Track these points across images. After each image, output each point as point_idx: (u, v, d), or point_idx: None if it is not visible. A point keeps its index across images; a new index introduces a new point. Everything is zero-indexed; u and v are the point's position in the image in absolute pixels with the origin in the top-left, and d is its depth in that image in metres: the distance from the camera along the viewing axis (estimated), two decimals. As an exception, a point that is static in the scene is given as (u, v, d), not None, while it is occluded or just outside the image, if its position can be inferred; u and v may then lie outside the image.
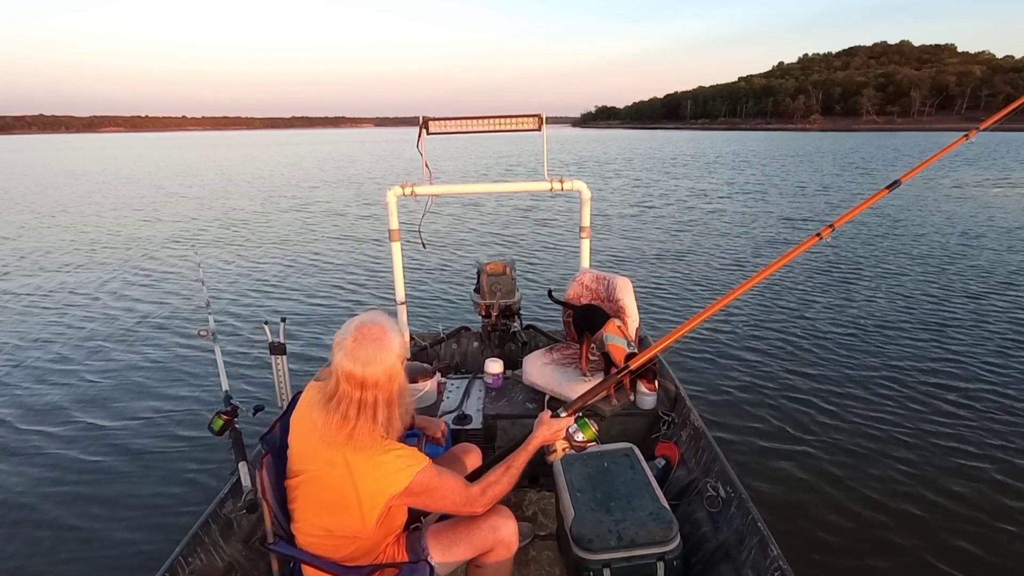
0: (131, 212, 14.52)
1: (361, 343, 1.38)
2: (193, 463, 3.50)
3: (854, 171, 22.73)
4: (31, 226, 12.44)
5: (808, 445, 3.63)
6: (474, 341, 3.59)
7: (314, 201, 16.28)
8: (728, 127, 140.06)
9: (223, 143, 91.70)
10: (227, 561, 1.93)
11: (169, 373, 4.81)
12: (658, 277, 7.66)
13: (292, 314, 6.20)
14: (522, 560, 2.20)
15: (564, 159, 33.23)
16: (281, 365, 2.61)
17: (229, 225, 12.37)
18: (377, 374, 1.39)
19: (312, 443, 1.47)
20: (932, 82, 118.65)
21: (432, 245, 9.42)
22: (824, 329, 5.60)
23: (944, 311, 6.09)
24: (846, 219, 2.14)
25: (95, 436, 3.85)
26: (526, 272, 7.82)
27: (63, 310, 6.57)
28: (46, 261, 9.05)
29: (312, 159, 39.12)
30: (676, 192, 16.83)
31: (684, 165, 27.37)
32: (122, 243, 10.45)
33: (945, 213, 12.20)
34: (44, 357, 5.19)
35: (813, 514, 3.00)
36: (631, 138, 74.21)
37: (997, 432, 3.72)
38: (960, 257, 8.45)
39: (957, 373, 4.58)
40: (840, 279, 7.34)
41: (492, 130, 3.03)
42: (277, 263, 8.74)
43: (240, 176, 25.48)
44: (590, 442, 1.67)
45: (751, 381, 4.49)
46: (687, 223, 11.77)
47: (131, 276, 8.05)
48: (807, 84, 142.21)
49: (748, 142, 52.91)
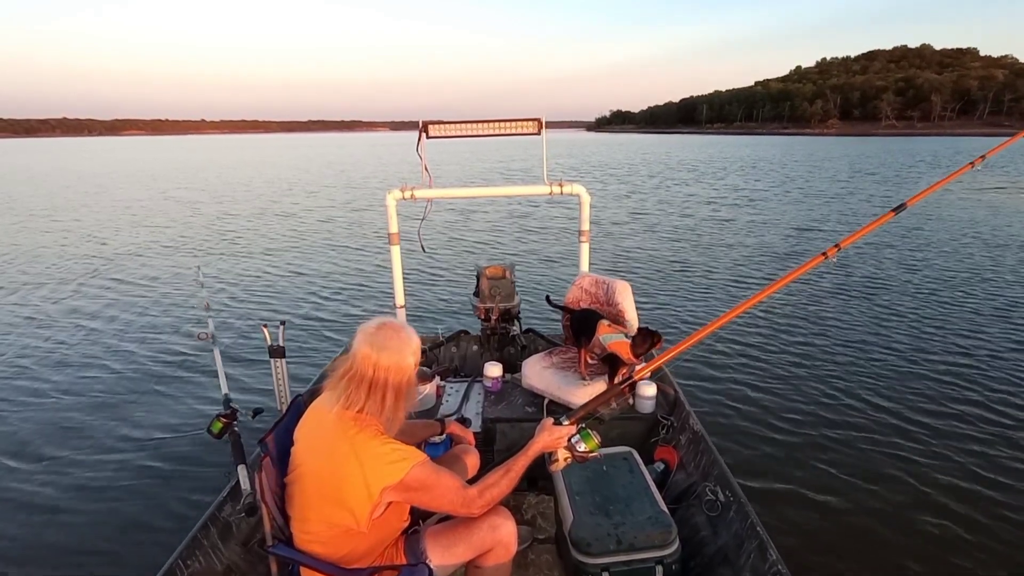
0: (132, 214, 14.52)
1: (382, 330, 1.48)
2: (192, 466, 3.49)
3: (867, 179, 22.14)
4: (31, 226, 12.42)
5: (807, 449, 3.63)
6: (473, 344, 3.60)
7: (314, 204, 16.30)
8: (744, 132, 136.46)
9: (239, 146, 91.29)
10: (226, 564, 1.93)
11: (168, 375, 4.81)
12: (658, 282, 7.67)
13: (291, 317, 6.20)
14: (521, 563, 2.19)
15: (573, 164, 33.23)
16: (280, 368, 2.61)
17: (229, 228, 12.38)
18: (390, 361, 1.46)
19: (317, 433, 1.49)
20: (954, 86, 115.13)
21: (432, 249, 9.43)
22: (824, 333, 5.60)
23: (946, 317, 6.10)
24: (852, 240, 2.15)
25: (94, 438, 3.84)
26: (525, 276, 7.83)
27: (62, 311, 6.56)
28: (46, 261, 9.05)
29: (320, 162, 39.04)
30: (679, 199, 16.74)
31: (691, 171, 27.16)
32: (122, 244, 10.44)
33: (958, 220, 12.12)
34: (43, 358, 5.18)
35: (812, 519, 3.00)
36: (644, 143, 72.98)
37: (997, 439, 3.72)
38: (967, 265, 8.47)
39: (958, 379, 4.58)
40: (843, 285, 7.34)
41: (491, 134, 3.04)
42: (277, 266, 8.74)
43: (242, 178, 25.49)
44: (592, 453, 1.66)
45: (750, 385, 4.49)
46: (689, 229, 11.78)
47: (131, 278, 8.05)
48: (825, 88, 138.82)
49: (763, 148, 52.00)
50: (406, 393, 1.51)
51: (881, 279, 7.58)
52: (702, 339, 1.96)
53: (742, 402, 4.23)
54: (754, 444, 3.69)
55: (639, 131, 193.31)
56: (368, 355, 1.45)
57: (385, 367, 1.45)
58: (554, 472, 1.75)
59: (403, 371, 1.48)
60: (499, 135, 3.06)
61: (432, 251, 9.31)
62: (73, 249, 10.16)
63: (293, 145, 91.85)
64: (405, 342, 1.49)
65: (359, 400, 1.45)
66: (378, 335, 1.47)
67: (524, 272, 8.00)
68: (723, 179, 22.68)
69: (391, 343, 1.46)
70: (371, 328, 1.49)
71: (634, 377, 2.02)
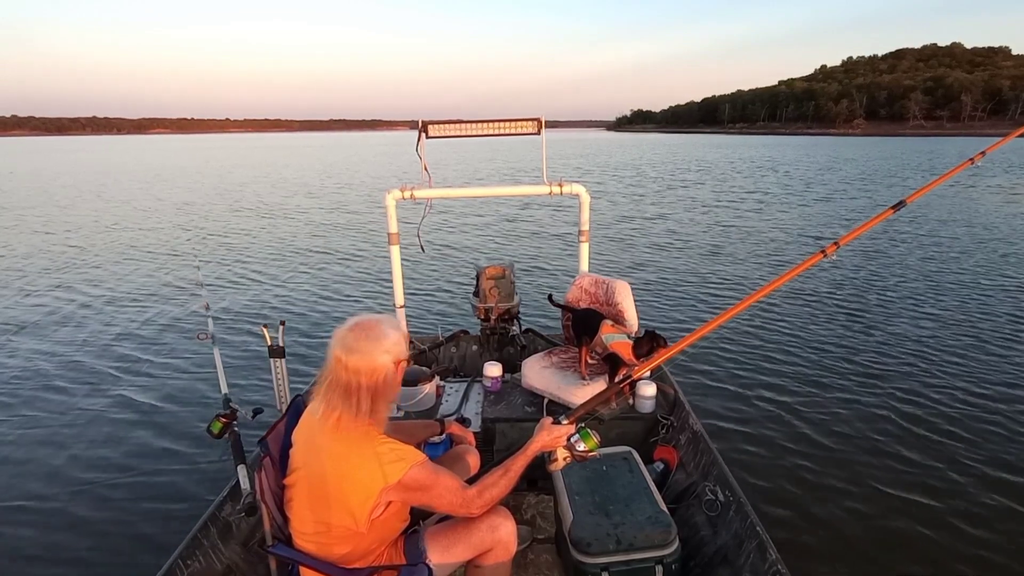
0: (132, 214, 14.50)
1: (352, 331, 1.46)
2: (192, 466, 3.50)
3: (884, 181, 21.55)
4: (30, 227, 12.43)
5: (807, 449, 3.63)
6: (473, 344, 3.59)
7: (314, 204, 16.29)
8: (767, 131, 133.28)
9: (260, 145, 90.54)
10: (226, 564, 1.94)
11: (168, 375, 4.81)
12: (658, 282, 7.67)
13: (291, 317, 6.20)
14: (520, 563, 2.19)
15: (577, 164, 33.09)
16: (280, 368, 2.61)
17: (229, 228, 12.38)
18: (360, 363, 1.43)
19: (314, 435, 1.49)
20: (984, 86, 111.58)
21: (431, 249, 9.43)
22: (824, 333, 5.61)
23: (948, 317, 6.11)
24: (851, 238, 2.13)
25: (93, 438, 3.84)
26: (525, 276, 7.83)
27: (61, 311, 6.56)
28: (45, 262, 9.05)
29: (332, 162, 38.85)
30: (683, 200, 16.62)
31: (699, 171, 26.84)
32: (122, 245, 10.44)
33: (959, 221, 12.11)
34: (42, 358, 5.18)
35: (811, 518, 3.00)
36: (664, 143, 71.38)
37: (999, 442, 3.72)
38: (969, 263, 8.47)
39: (960, 380, 4.58)
40: (843, 286, 7.35)
41: (491, 134, 3.04)
42: (276, 266, 8.74)
43: (244, 179, 25.48)
44: (591, 452, 1.65)
45: (750, 385, 4.50)
46: (691, 230, 11.78)
47: (130, 278, 8.05)
48: (851, 88, 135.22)
49: (783, 148, 51.22)
50: (384, 393, 1.48)
51: (881, 280, 7.58)
52: (701, 338, 1.95)
53: (742, 402, 4.23)
54: (754, 444, 3.69)
55: (660, 131, 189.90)
56: (339, 358, 1.43)
57: (355, 370, 1.42)
58: (553, 472, 1.74)
59: (375, 372, 1.44)
60: (499, 135, 3.05)
61: (432, 251, 9.31)
62: (73, 249, 10.16)
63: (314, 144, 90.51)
64: (375, 341, 1.45)
65: (337, 405, 1.43)
66: (347, 337, 1.44)
67: (524, 272, 8.00)
68: (730, 180, 22.46)
69: (360, 345, 1.43)
70: (343, 331, 1.46)
71: (633, 375, 2.02)
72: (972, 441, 3.68)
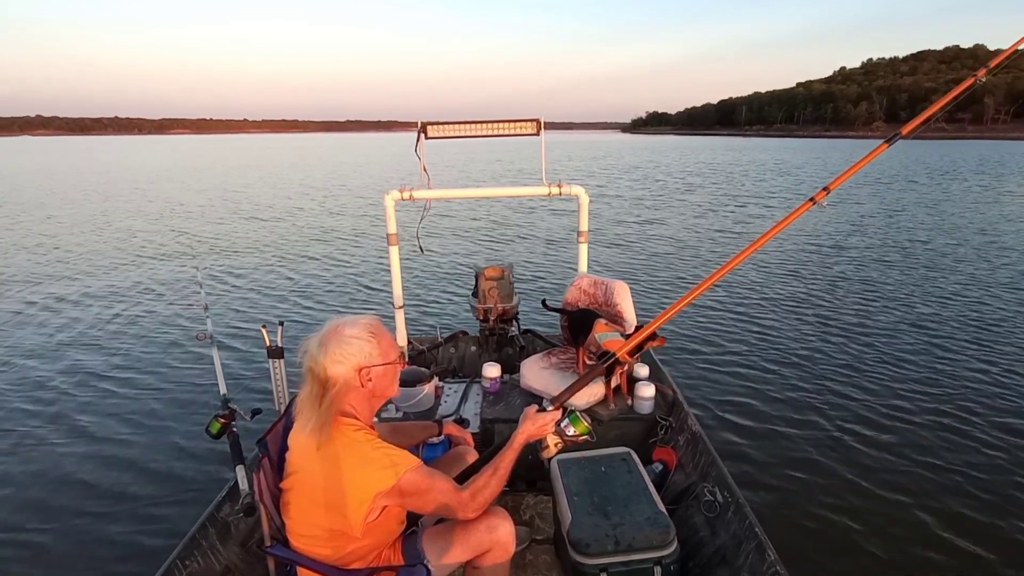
0: (132, 213, 14.49)
1: (324, 336, 1.46)
2: (190, 466, 3.49)
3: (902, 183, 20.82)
4: (29, 228, 12.42)
5: (806, 450, 3.63)
6: (472, 345, 3.59)
7: (314, 205, 16.29)
8: (784, 134, 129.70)
9: (274, 145, 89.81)
10: (224, 564, 1.93)
11: (167, 376, 4.80)
12: (658, 281, 7.67)
13: (290, 317, 6.20)
14: (519, 564, 2.19)
15: (577, 165, 32.98)
16: (279, 369, 2.61)
17: (228, 228, 12.37)
18: (327, 366, 1.42)
19: (305, 440, 1.48)
20: (1008, 88, 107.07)
21: (430, 249, 9.43)
22: (824, 335, 5.61)
23: (949, 318, 6.11)
24: (841, 181, 2.06)
25: (92, 438, 3.84)
26: (524, 276, 7.82)
27: (60, 311, 6.55)
28: (45, 261, 9.04)
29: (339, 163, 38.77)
30: (685, 203, 16.59)
31: (708, 175, 26.53)
32: (122, 244, 10.43)
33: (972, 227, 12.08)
34: (41, 358, 5.18)
35: (810, 519, 3.00)
36: (679, 146, 69.38)
37: (1001, 440, 3.72)
38: (978, 262, 8.48)
39: (961, 380, 4.59)
40: (844, 285, 7.36)
41: (490, 134, 3.03)
42: (276, 266, 8.74)
43: (250, 180, 25.47)
44: (583, 436, 1.64)
45: (749, 386, 4.50)
46: (692, 231, 11.79)
47: (129, 278, 8.04)
48: (871, 90, 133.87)
49: (798, 151, 50.64)
50: (351, 399, 1.47)
51: (882, 281, 7.58)
52: (687, 304, 1.99)
53: (741, 403, 4.24)
54: (753, 445, 3.69)
55: (676, 133, 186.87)
56: (311, 368, 1.44)
57: (324, 376, 1.42)
58: (547, 461, 1.72)
59: (331, 382, 1.42)
60: (498, 135, 3.05)
61: (431, 252, 9.31)
62: (72, 248, 10.14)
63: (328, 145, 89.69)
64: (346, 344, 1.44)
65: (312, 415, 1.42)
66: (317, 342, 1.45)
67: (523, 273, 8.00)
68: (736, 182, 22.42)
69: (333, 349, 1.43)
70: (312, 337, 1.47)
71: (618, 353, 1.98)
72: (972, 442, 3.68)
